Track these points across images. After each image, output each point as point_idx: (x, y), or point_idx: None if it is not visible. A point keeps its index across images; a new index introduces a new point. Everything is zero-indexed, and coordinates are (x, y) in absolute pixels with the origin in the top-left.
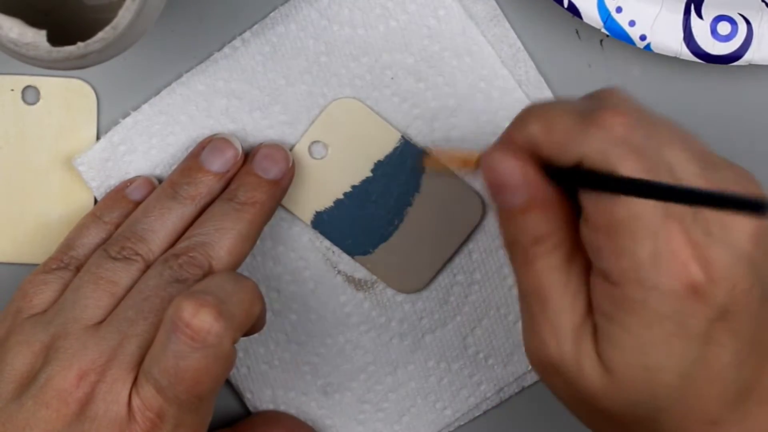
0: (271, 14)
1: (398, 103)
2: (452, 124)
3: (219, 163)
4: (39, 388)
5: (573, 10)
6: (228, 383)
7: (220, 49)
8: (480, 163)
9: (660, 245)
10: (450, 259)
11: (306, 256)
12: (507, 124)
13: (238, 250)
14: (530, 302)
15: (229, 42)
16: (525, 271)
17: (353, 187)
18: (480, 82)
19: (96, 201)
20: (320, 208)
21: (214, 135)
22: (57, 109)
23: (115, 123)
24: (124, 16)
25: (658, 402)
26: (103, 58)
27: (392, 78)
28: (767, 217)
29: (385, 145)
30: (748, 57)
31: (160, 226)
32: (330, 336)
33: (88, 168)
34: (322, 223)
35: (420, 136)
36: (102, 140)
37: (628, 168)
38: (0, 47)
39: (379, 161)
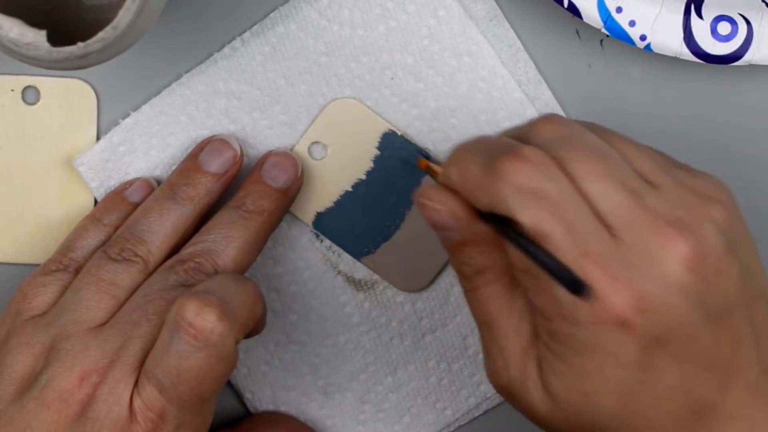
0: (271, 14)
1: (398, 103)
2: (452, 124)
3: (218, 163)
4: (40, 389)
5: (573, 10)
6: (228, 384)
7: (220, 49)
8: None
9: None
10: None
11: (306, 256)
12: (507, 124)
13: (244, 259)
14: (481, 329)
15: (229, 42)
16: (471, 300)
17: (354, 187)
18: (480, 82)
19: (96, 201)
20: (321, 208)
21: (213, 136)
22: (57, 109)
23: (115, 123)
24: (124, 16)
25: (601, 425)
26: (103, 58)
27: (392, 78)
28: (587, 297)
29: (384, 144)
30: (748, 57)
31: (159, 226)
32: (330, 336)
33: (88, 168)
34: (324, 223)
35: (420, 136)
36: (102, 141)
37: (526, 216)
38: (0, 47)
39: (379, 161)
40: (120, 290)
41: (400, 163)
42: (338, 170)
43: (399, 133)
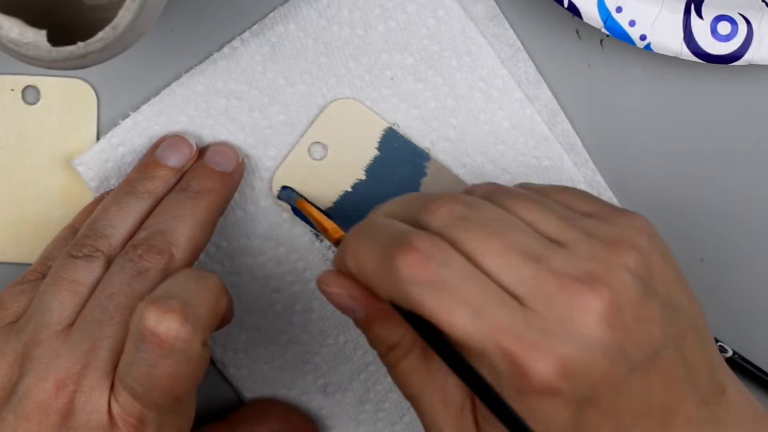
0: (271, 14)
1: (398, 103)
2: (451, 124)
3: (176, 158)
4: (18, 401)
5: (573, 10)
6: (228, 383)
7: (219, 49)
8: (319, 281)
9: (494, 359)
10: None
11: (306, 256)
12: (506, 124)
13: (197, 237)
14: (412, 405)
15: (229, 42)
16: (395, 377)
17: (353, 187)
18: (479, 82)
19: None
20: (321, 209)
21: (167, 134)
22: (57, 109)
23: (115, 123)
24: (124, 16)
25: None
26: (103, 58)
27: (391, 78)
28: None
29: (384, 145)
30: (748, 57)
31: (120, 220)
32: (330, 336)
33: (87, 168)
34: None
35: (419, 137)
36: (101, 141)
37: (427, 308)
38: (0, 47)
39: (378, 161)
40: (82, 287)
41: (399, 164)
42: (338, 170)
43: (399, 134)
